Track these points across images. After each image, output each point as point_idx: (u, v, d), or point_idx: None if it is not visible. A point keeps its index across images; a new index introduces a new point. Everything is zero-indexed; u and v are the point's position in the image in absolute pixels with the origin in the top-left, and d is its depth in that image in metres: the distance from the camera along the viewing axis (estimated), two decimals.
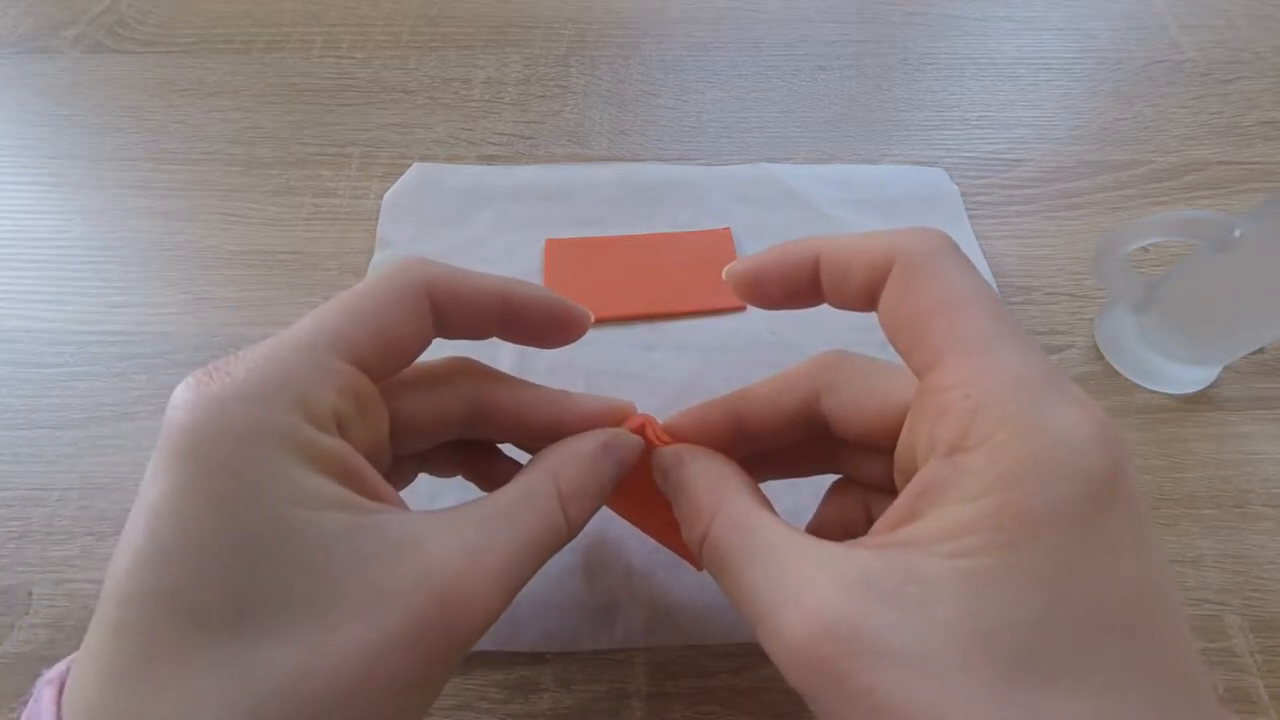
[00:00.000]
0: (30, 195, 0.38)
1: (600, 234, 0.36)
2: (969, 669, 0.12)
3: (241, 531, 0.13)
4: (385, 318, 0.17)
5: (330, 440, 0.15)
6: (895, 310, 0.16)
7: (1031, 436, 0.13)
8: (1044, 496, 0.12)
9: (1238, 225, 0.27)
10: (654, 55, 0.45)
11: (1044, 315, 0.33)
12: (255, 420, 0.14)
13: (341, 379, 0.16)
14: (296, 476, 0.14)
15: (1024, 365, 0.14)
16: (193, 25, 0.47)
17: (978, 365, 0.14)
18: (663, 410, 0.30)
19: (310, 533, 0.14)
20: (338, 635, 0.13)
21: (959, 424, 0.14)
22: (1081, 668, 0.12)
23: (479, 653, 0.25)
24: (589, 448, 0.18)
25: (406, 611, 0.14)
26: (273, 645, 0.13)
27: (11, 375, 0.31)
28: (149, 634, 0.13)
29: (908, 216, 0.36)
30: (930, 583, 0.13)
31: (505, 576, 0.15)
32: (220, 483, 0.13)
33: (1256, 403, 0.31)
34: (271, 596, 0.13)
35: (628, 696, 0.24)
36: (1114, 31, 0.47)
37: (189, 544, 0.13)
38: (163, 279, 0.34)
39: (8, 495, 0.28)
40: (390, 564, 0.14)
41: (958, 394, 0.14)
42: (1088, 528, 0.12)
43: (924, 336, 0.15)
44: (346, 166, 0.39)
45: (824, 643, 0.13)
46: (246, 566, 0.13)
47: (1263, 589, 0.26)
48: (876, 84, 0.44)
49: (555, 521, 0.17)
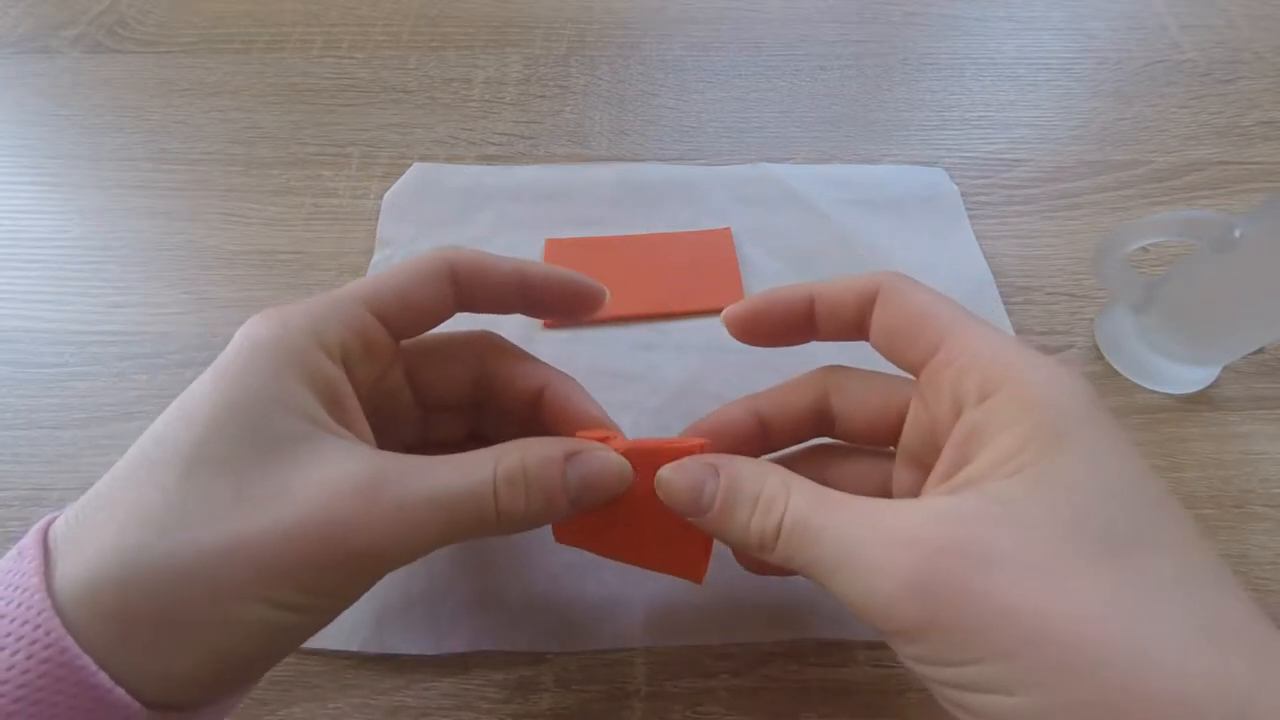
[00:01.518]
0: (30, 195, 0.38)
1: (600, 234, 0.36)
2: (1063, 556, 0.14)
3: (219, 407, 0.17)
4: (407, 283, 0.20)
5: (326, 364, 0.18)
6: (890, 320, 0.20)
7: (1035, 373, 0.17)
8: (1063, 409, 0.16)
9: (1238, 225, 0.27)
10: (654, 55, 0.45)
11: (1044, 315, 0.33)
12: (275, 336, 0.18)
13: (356, 321, 0.19)
14: (287, 383, 0.17)
15: (1002, 339, 0.18)
16: (193, 25, 0.47)
17: (975, 339, 0.18)
18: (663, 409, 0.30)
19: (266, 425, 0.17)
20: (245, 510, 0.16)
21: (973, 382, 0.17)
22: (1146, 533, 0.14)
23: (479, 652, 0.25)
24: (551, 450, 0.19)
25: (296, 512, 0.16)
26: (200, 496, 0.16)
27: (11, 375, 0.31)
28: (127, 461, 0.17)
29: (908, 216, 0.36)
30: (1008, 498, 0.15)
31: (399, 521, 0.17)
32: (233, 374, 0.17)
33: (1256, 403, 0.31)
34: (217, 458, 0.16)
35: (628, 696, 0.24)
36: (1114, 31, 0.47)
37: (195, 411, 0.17)
38: (163, 279, 0.34)
39: (8, 495, 0.28)
40: (309, 471, 0.17)
41: (965, 361, 0.18)
42: (1101, 427, 0.16)
43: (920, 332, 0.19)
44: (346, 166, 0.39)
45: (937, 564, 0.15)
46: (213, 432, 0.16)
47: (1263, 589, 0.26)
48: (876, 84, 0.44)
49: (478, 496, 0.18)
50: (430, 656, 0.25)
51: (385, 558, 0.17)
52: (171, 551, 0.15)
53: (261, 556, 0.15)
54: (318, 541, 0.16)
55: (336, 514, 0.16)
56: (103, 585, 0.15)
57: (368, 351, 0.20)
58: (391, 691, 0.24)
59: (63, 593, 0.15)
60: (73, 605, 0.15)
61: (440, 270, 0.20)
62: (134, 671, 0.15)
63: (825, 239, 0.35)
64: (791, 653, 0.25)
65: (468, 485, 0.17)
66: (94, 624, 0.15)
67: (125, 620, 0.15)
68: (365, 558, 0.17)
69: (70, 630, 0.14)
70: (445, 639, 0.25)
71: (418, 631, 0.25)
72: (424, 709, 0.24)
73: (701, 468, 0.19)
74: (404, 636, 0.25)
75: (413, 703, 0.24)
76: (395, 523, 0.17)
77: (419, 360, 0.22)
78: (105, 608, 0.15)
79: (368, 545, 0.16)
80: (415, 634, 0.25)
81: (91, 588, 0.15)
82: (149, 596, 0.15)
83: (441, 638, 0.25)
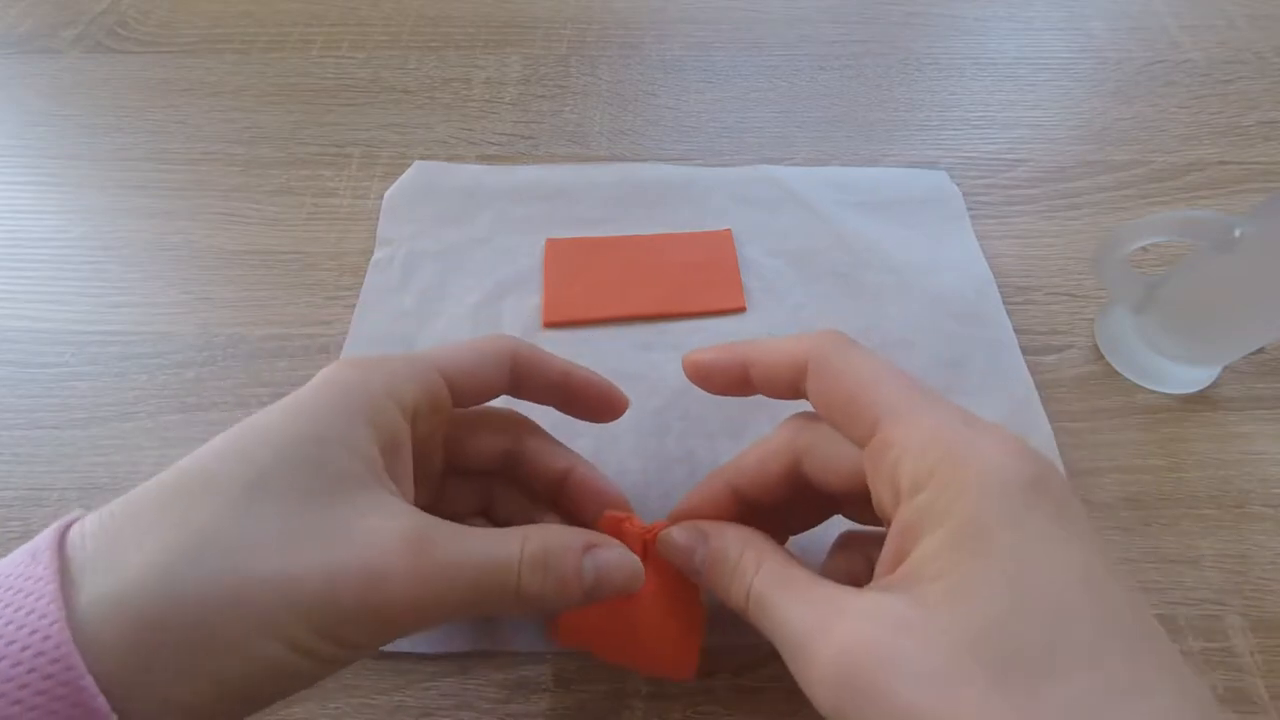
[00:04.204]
0: (30, 195, 0.38)
1: (601, 234, 0.36)
2: (966, 671, 0.14)
3: (288, 440, 0.17)
4: (479, 358, 0.22)
5: (396, 417, 0.19)
6: (823, 395, 0.19)
7: (964, 465, 0.16)
8: (985, 511, 0.15)
9: (1238, 225, 0.27)
10: (654, 55, 0.45)
11: (1044, 315, 0.33)
12: (358, 380, 0.19)
13: (428, 384, 0.20)
14: (357, 427, 0.18)
15: (940, 417, 0.17)
16: (193, 25, 0.47)
17: (906, 426, 0.17)
18: (663, 409, 0.30)
19: (330, 464, 0.17)
20: (294, 547, 0.16)
21: (906, 473, 0.17)
22: (1057, 651, 0.14)
23: (479, 652, 0.25)
24: (571, 540, 0.20)
25: (343, 556, 0.16)
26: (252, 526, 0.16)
27: (11, 375, 0.31)
28: (178, 475, 0.17)
29: (910, 219, 0.36)
30: (927, 606, 0.15)
31: (427, 581, 0.17)
32: (309, 410, 0.18)
33: (1256, 403, 0.31)
34: (274, 489, 0.16)
35: (628, 696, 0.24)
36: (1114, 31, 0.47)
37: (262, 438, 0.17)
38: (163, 279, 0.34)
39: (8, 495, 0.28)
40: (362, 518, 0.17)
41: (898, 451, 0.17)
42: (1026, 528, 0.15)
43: (855, 410, 0.18)
44: (346, 166, 0.39)
45: (854, 664, 0.15)
46: (275, 462, 0.17)
47: (1263, 589, 0.26)
48: (876, 84, 0.44)
49: (503, 573, 0.18)
50: (430, 656, 0.25)
51: (413, 614, 0.17)
52: (212, 574, 0.15)
53: (300, 595, 0.16)
54: (358, 588, 0.16)
55: (382, 562, 0.16)
56: (137, 602, 0.15)
57: (434, 412, 0.21)
58: (391, 691, 0.24)
59: (87, 605, 0.14)
60: (96, 619, 0.14)
61: (506, 353, 0.22)
62: (134, 695, 0.14)
63: (826, 241, 0.35)
64: None
65: (497, 559, 0.18)
66: (116, 641, 0.14)
67: (149, 640, 0.15)
68: (396, 611, 0.17)
69: (82, 645, 0.14)
70: (445, 639, 0.25)
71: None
72: (424, 709, 0.24)
73: (694, 534, 0.21)
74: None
75: (412, 703, 0.24)
76: (434, 581, 0.17)
77: (459, 427, 0.23)
78: (133, 624, 0.14)
79: (403, 598, 0.17)
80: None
81: (123, 603, 0.15)
82: (182, 619, 0.15)
83: (441, 638, 0.25)
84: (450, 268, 0.34)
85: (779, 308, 0.33)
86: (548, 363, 0.23)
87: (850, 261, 0.35)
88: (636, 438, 0.29)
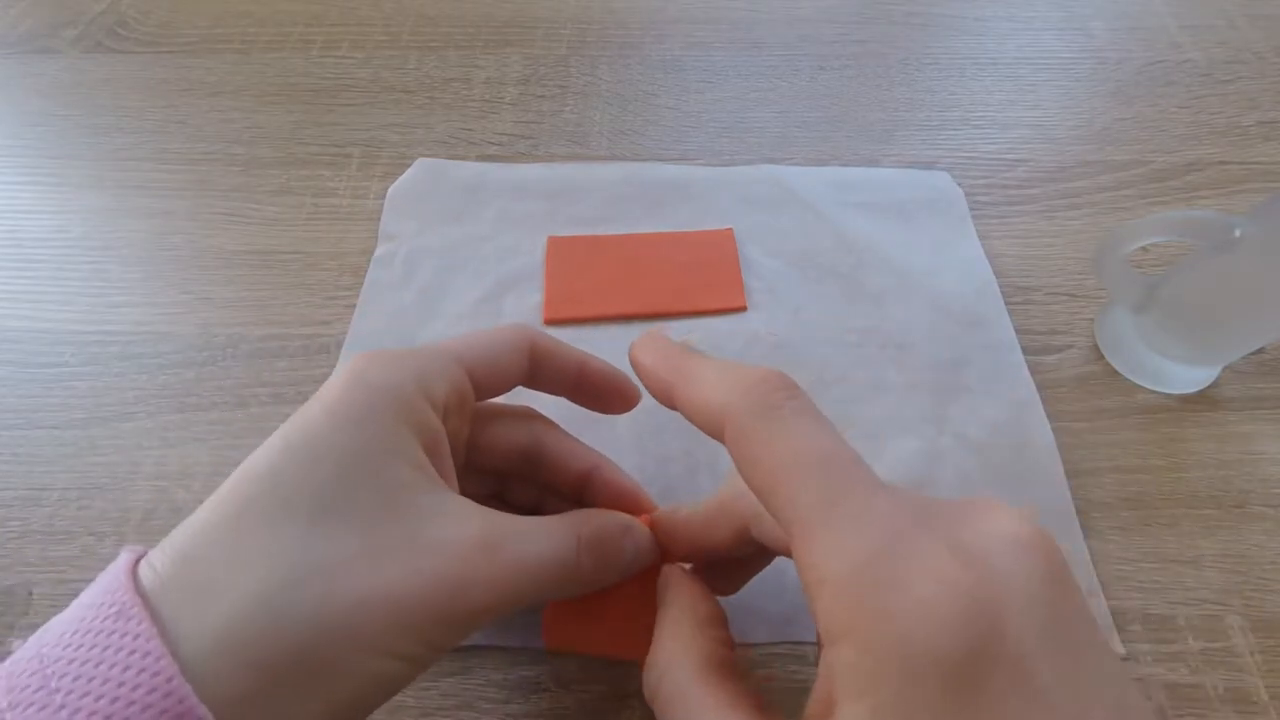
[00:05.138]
0: (30, 195, 0.38)
1: (602, 232, 0.36)
2: None
3: (344, 453, 0.17)
4: (497, 350, 0.22)
5: (431, 417, 0.19)
6: (741, 474, 0.16)
7: (887, 623, 0.12)
8: (909, 695, 0.12)
9: (1238, 225, 0.27)
10: (654, 55, 0.45)
11: (1044, 315, 0.33)
12: (389, 383, 0.18)
13: (455, 379, 0.20)
14: (398, 432, 0.18)
15: (871, 533, 0.13)
16: (193, 25, 0.47)
17: (824, 541, 0.14)
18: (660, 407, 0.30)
19: (388, 474, 0.17)
20: (377, 562, 0.16)
21: (824, 611, 0.13)
22: None
23: (479, 652, 0.25)
24: (615, 521, 0.21)
25: (428, 566, 0.16)
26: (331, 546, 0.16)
27: (11, 375, 0.31)
28: (243, 502, 0.16)
29: (912, 220, 0.36)
30: None
31: (505, 580, 0.17)
32: (352, 420, 0.17)
33: (1256, 403, 0.31)
34: (344, 506, 0.16)
35: (628, 696, 0.24)
36: (1114, 31, 0.47)
37: (314, 455, 0.17)
38: (163, 279, 0.34)
39: (8, 495, 0.28)
40: (433, 524, 0.17)
41: (813, 577, 0.14)
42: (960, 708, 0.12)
43: (772, 505, 0.15)
44: (346, 166, 0.39)
45: None
46: (338, 478, 0.17)
47: (1263, 589, 0.26)
48: (876, 84, 0.44)
49: (567, 556, 0.19)
50: None
51: (496, 612, 0.18)
52: (313, 601, 0.15)
53: (395, 609, 0.16)
54: (447, 596, 0.16)
55: (464, 569, 0.17)
56: (241, 638, 0.15)
57: (461, 407, 0.21)
58: None
59: (191, 648, 0.14)
60: (203, 660, 0.14)
61: (524, 342, 0.22)
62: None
63: (828, 241, 0.35)
64: (792, 654, 0.25)
65: (560, 551, 0.19)
66: (230, 678, 0.14)
67: (262, 672, 0.15)
68: (483, 613, 0.17)
69: (196, 688, 0.14)
70: None
71: None
72: (424, 709, 0.24)
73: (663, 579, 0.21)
74: None
75: (412, 703, 0.24)
76: (513, 579, 0.18)
77: (481, 424, 0.23)
78: (239, 661, 0.14)
79: (487, 600, 0.17)
80: None
81: (225, 640, 0.15)
82: (288, 651, 0.15)
83: None
84: (452, 264, 0.34)
85: (780, 308, 0.33)
86: (564, 353, 0.23)
87: (852, 262, 0.35)
88: (634, 435, 0.29)
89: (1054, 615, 0.13)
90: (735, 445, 0.16)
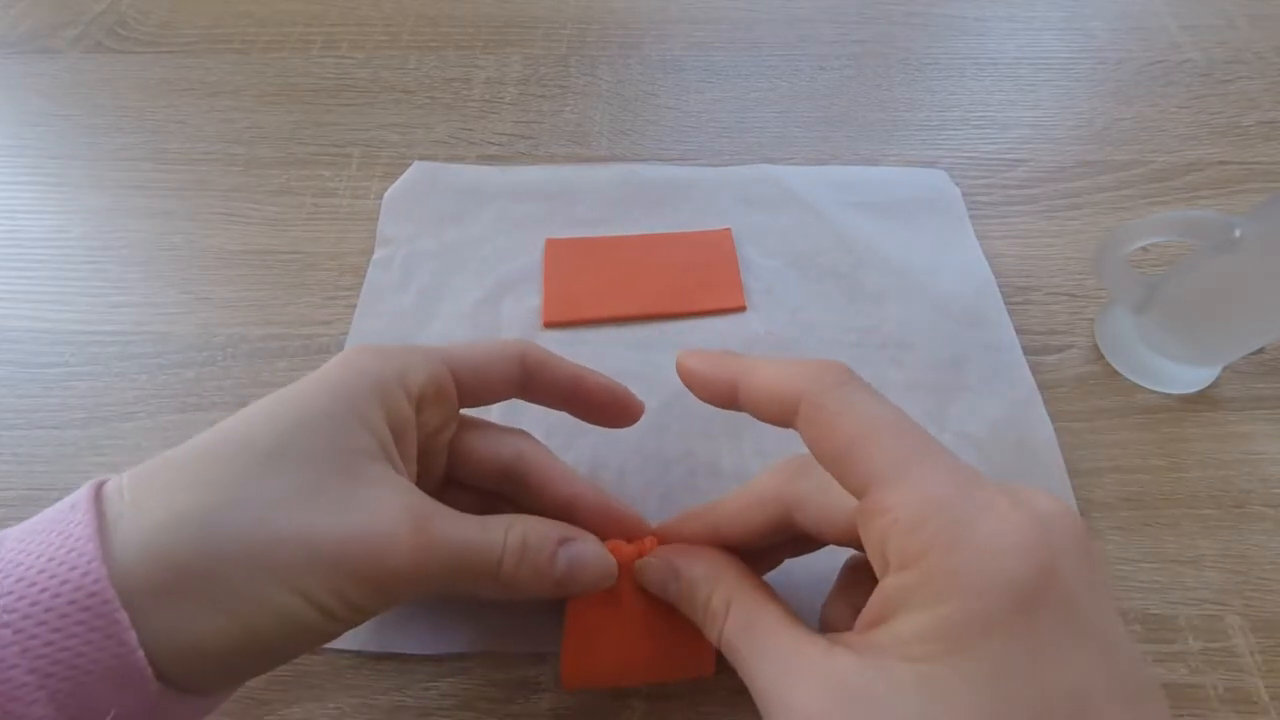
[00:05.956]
0: (30, 195, 0.38)
1: (601, 234, 0.36)
2: None
3: (313, 412, 0.19)
4: (486, 356, 0.22)
5: (403, 403, 0.20)
6: (815, 446, 0.17)
7: (957, 552, 0.14)
8: (977, 608, 0.14)
9: (1238, 225, 0.27)
10: (654, 55, 0.45)
11: (1044, 315, 0.33)
12: (374, 368, 0.20)
13: (435, 373, 0.21)
14: (374, 409, 0.19)
15: (942, 482, 0.15)
16: (193, 25, 0.47)
17: (901, 490, 0.15)
18: (663, 409, 0.30)
19: (347, 438, 0.19)
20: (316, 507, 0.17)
21: (896, 546, 0.15)
22: None
23: (479, 652, 0.25)
24: (549, 532, 0.21)
25: (358, 521, 0.18)
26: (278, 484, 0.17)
27: (11, 375, 0.31)
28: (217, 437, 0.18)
29: (910, 219, 0.36)
30: (895, 685, 0.14)
31: (424, 554, 0.18)
32: (331, 387, 0.19)
33: (1256, 403, 0.31)
34: (297, 453, 0.18)
35: (628, 696, 0.24)
36: (1114, 31, 0.47)
37: (290, 407, 0.19)
38: (163, 279, 0.34)
39: (8, 495, 0.28)
40: (374, 490, 0.18)
41: (889, 519, 0.15)
42: (1020, 635, 0.14)
43: (847, 468, 0.16)
44: (346, 166, 0.39)
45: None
46: (300, 427, 0.18)
47: (1263, 589, 0.26)
48: (876, 84, 0.44)
49: (491, 551, 0.19)
50: (430, 656, 0.25)
51: (409, 583, 0.18)
52: (243, 525, 0.16)
53: (312, 551, 0.17)
54: (365, 553, 0.17)
55: (387, 531, 0.18)
56: (167, 547, 0.16)
57: (437, 401, 0.21)
58: (391, 691, 0.24)
59: (120, 547, 0.16)
60: (131, 558, 0.16)
61: (516, 354, 0.23)
62: (163, 635, 0.16)
63: (827, 241, 0.35)
64: None
65: (484, 544, 0.20)
66: (145, 581, 0.15)
67: (176, 583, 0.16)
68: (399, 581, 0.18)
69: (116, 582, 0.15)
70: (445, 639, 0.25)
71: (418, 631, 0.25)
72: (424, 709, 0.24)
73: (665, 570, 0.21)
74: (404, 636, 0.25)
75: (412, 703, 0.24)
76: (430, 555, 0.18)
77: (466, 435, 0.23)
78: (162, 567, 0.16)
79: (402, 567, 0.18)
80: (415, 634, 0.25)
81: (153, 547, 0.16)
82: (208, 566, 0.16)
83: (441, 638, 0.25)
84: (450, 267, 0.34)
85: (779, 308, 0.33)
86: (559, 366, 0.23)
87: (851, 262, 0.35)
88: (636, 437, 0.29)
89: (1092, 571, 0.15)
90: (810, 420, 0.17)
